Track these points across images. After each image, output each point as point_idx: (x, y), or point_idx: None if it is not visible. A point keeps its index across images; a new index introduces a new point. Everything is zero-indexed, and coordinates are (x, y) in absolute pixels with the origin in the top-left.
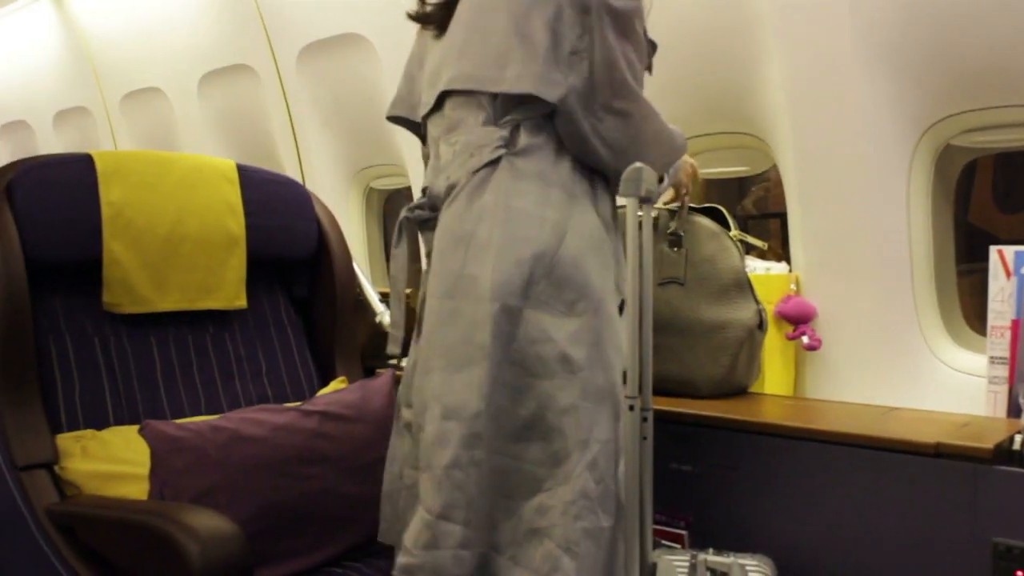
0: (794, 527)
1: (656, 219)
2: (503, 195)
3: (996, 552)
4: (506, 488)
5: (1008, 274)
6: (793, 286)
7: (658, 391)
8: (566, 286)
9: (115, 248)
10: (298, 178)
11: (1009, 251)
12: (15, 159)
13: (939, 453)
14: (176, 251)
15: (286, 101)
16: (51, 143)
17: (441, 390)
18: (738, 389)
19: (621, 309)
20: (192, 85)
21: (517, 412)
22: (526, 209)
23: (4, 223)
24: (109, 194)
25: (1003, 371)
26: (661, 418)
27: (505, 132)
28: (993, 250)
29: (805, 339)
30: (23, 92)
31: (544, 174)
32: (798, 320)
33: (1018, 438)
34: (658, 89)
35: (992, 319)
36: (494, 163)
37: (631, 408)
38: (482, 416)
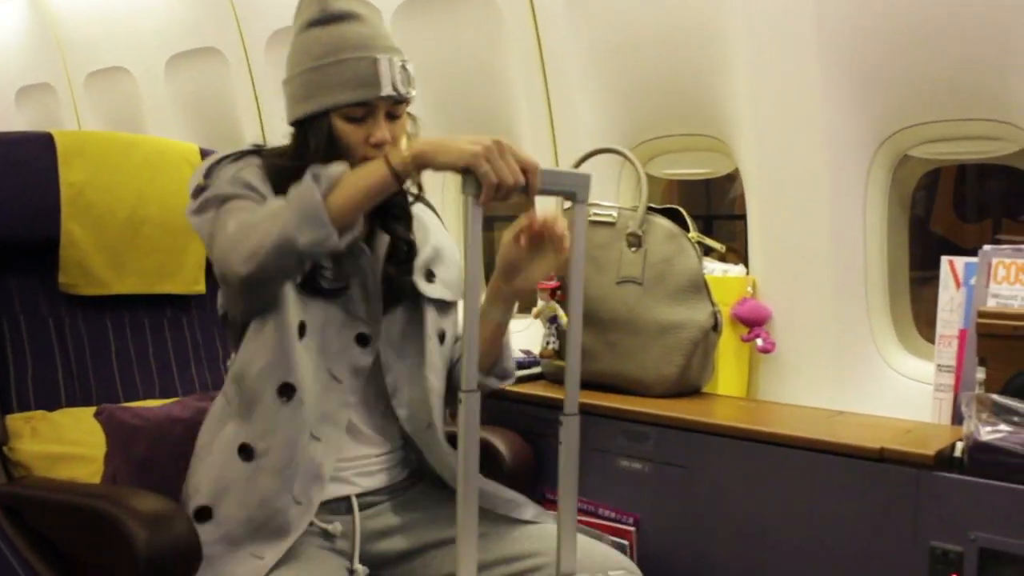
0: (740, 526)
1: (616, 219)
2: None
3: (934, 556)
4: None
5: (958, 284)
6: (750, 289)
7: (612, 389)
8: None
9: (73, 229)
10: None
11: (960, 262)
12: None
13: (883, 458)
14: (136, 234)
15: (254, 87)
16: (12, 120)
17: None
18: (691, 389)
19: None
20: (159, 66)
21: None
22: None
23: None
24: (69, 175)
25: (949, 379)
26: (615, 416)
27: None
28: (944, 260)
29: (759, 342)
30: None
31: None
32: (753, 323)
33: (959, 445)
34: (624, 90)
35: (940, 328)
36: None
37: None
38: None
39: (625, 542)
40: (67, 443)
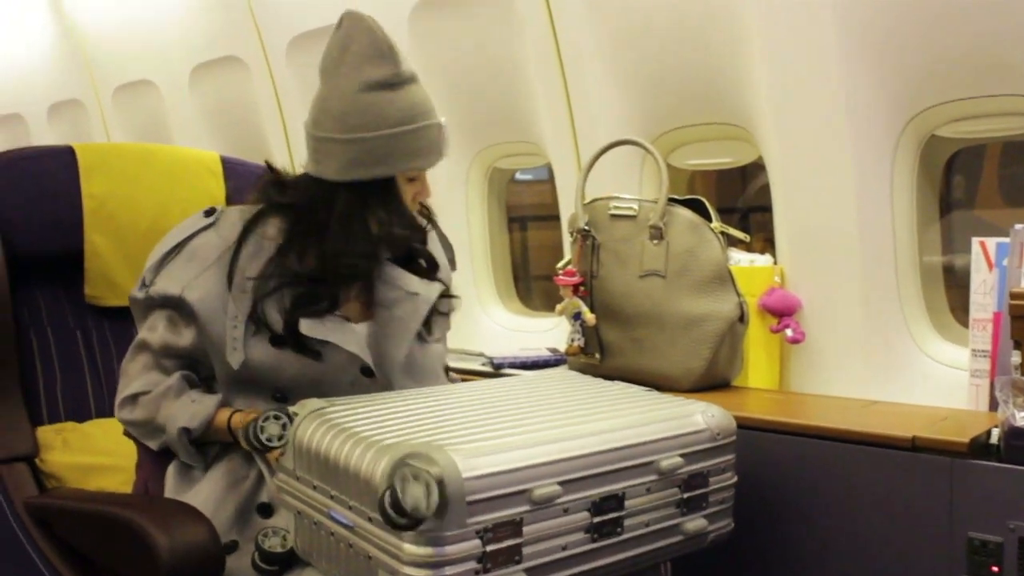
0: (772, 519)
1: (637, 212)
2: None
3: (971, 547)
4: None
5: (990, 266)
6: (777, 278)
7: (640, 384)
8: None
9: (97, 241)
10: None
11: (991, 243)
12: None
13: (915, 447)
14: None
15: (276, 94)
16: (45, 136)
17: None
18: (720, 382)
19: None
20: (183, 77)
21: None
22: None
23: None
24: (91, 187)
25: (985, 364)
26: None
27: None
28: (975, 242)
29: (789, 332)
30: (17, 85)
31: None
32: (782, 313)
33: (995, 431)
34: (642, 80)
35: (974, 311)
36: None
37: None
38: None
39: None
40: (98, 453)
